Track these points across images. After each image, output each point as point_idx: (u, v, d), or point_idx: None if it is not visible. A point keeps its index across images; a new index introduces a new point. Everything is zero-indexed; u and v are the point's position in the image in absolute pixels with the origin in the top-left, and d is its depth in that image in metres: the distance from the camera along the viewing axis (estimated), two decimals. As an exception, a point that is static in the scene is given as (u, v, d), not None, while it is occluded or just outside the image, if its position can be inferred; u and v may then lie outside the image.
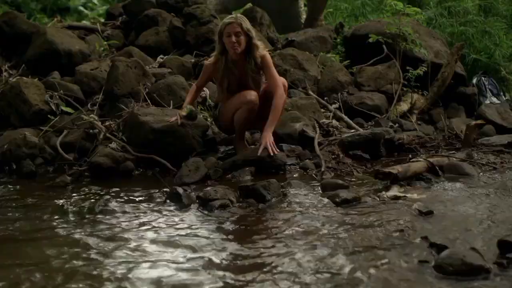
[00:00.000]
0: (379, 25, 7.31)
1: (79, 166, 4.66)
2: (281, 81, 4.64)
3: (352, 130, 5.46)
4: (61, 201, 3.83)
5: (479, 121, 5.77)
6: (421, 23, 8.29)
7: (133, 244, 2.93)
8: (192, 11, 7.16)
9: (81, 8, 21.61)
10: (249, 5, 9.11)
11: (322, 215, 3.35)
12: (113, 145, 4.80)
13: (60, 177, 4.42)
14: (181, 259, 2.69)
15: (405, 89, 6.63)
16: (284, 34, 8.32)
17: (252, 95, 4.48)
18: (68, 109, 5.56)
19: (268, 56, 4.63)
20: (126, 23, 8.09)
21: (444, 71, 6.74)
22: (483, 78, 7.82)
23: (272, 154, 4.32)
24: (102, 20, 9.81)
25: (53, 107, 5.52)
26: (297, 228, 3.11)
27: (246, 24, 4.52)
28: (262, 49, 4.62)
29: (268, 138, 4.38)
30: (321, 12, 9.86)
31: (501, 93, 7.84)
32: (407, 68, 6.47)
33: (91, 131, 5.04)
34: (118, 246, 2.91)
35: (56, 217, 3.51)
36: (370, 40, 6.70)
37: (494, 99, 7.61)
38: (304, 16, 10.19)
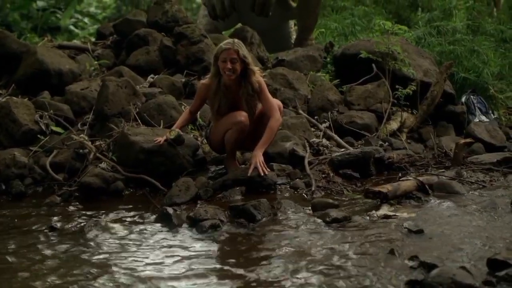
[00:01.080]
0: (369, 44, 7.36)
1: (69, 186, 4.63)
2: (277, 103, 4.67)
3: (342, 149, 5.47)
4: (50, 221, 3.80)
5: (468, 140, 5.81)
6: (410, 42, 8.36)
7: (123, 266, 2.92)
8: (182, 31, 7.17)
9: (72, 27, 21.69)
10: (239, 24, 9.15)
11: (313, 235, 3.36)
12: (103, 165, 4.79)
13: (50, 197, 4.42)
14: (171, 281, 2.69)
15: (394, 108, 6.67)
16: (274, 53, 8.36)
17: (242, 115, 4.48)
18: (58, 129, 5.53)
19: (263, 81, 4.63)
20: (117, 43, 8.10)
21: (433, 89, 6.78)
22: (472, 96, 7.87)
23: (262, 174, 4.32)
24: (93, 39, 9.83)
25: (43, 127, 5.47)
26: (287, 248, 3.11)
27: (243, 50, 4.48)
28: (258, 75, 4.63)
29: (258, 158, 4.39)
30: (311, 31, 9.93)
31: (490, 111, 7.88)
32: (397, 87, 6.49)
33: (81, 151, 5.00)
34: (108, 267, 2.90)
35: (44, 238, 3.49)
36: (362, 55, 6.75)
37: (483, 117, 7.65)
38: (294, 36, 10.27)
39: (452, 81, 7.88)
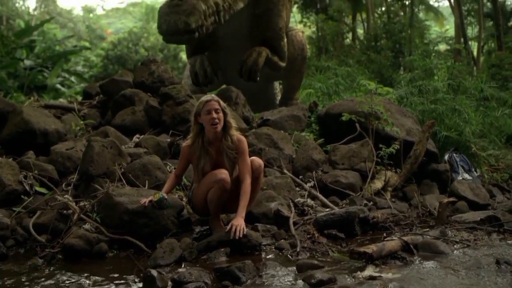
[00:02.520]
0: (352, 104, 7.49)
1: (52, 248, 4.56)
2: (258, 162, 4.70)
3: (327, 209, 5.48)
4: (32, 285, 3.74)
5: (451, 199, 5.85)
6: (392, 101, 8.51)
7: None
8: (168, 91, 7.26)
9: (59, 85, 21.86)
10: (224, 85, 9.28)
11: (298, 297, 3.33)
12: (87, 226, 4.75)
13: (32, 259, 4.34)
14: None
15: (378, 167, 6.73)
16: (259, 113, 8.45)
17: (223, 173, 4.49)
18: (42, 190, 5.51)
19: (245, 142, 4.71)
20: (103, 102, 8.18)
21: (416, 148, 6.86)
22: (454, 154, 7.97)
23: (237, 236, 4.26)
24: (80, 97, 9.91)
25: (27, 188, 5.45)
26: (272, 312, 3.09)
27: (222, 102, 4.64)
28: (236, 129, 4.70)
29: (236, 223, 4.33)
30: (296, 91, 10.09)
31: (473, 169, 7.97)
32: (380, 146, 6.58)
33: (65, 211, 4.96)
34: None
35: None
36: (343, 118, 6.85)
37: (466, 175, 7.72)
38: (279, 97, 10.42)
39: (435, 139, 8.00)
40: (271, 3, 8.44)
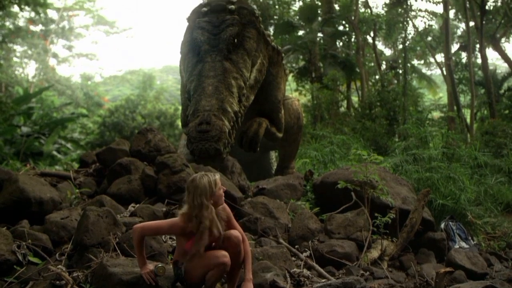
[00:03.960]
0: (347, 172, 7.53)
1: (43, 321, 4.50)
2: (235, 236, 4.61)
3: (324, 280, 5.43)
4: None
5: (448, 269, 5.80)
6: (387, 169, 8.56)
7: None
8: (164, 160, 7.29)
9: (55, 152, 21.94)
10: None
11: None
12: (80, 297, 4.70)
13: (21, 333, 4.27)
14: None
15: (374, 236, 6.70)
16: (255, 182, 8.47)
17: (225, 256, 4.40)
18: (36, 260, 5.45)
19: (228, 208, 4.74)
20: (99, 171, 8.19)
21: (412, 217, 6.86)
22: (450, 222, 7.95)
23: None
24: (76, 164, 9.93)
25: (20, 257, 5.39)
26: None
27: None
28: None
29: None
30: (292, 159, 10.14)
31: (469, 237, 7.93)
32: (376, 214, 6.58)
33: (57, 282, 4.91)
34: None
35: None
36: (339, 186, 6.88)
37: (463, 244, 7.68)
38: (275, 166, 10.46)
39: (430, 207, 8.00)
40: (270, 76, 8.59)
